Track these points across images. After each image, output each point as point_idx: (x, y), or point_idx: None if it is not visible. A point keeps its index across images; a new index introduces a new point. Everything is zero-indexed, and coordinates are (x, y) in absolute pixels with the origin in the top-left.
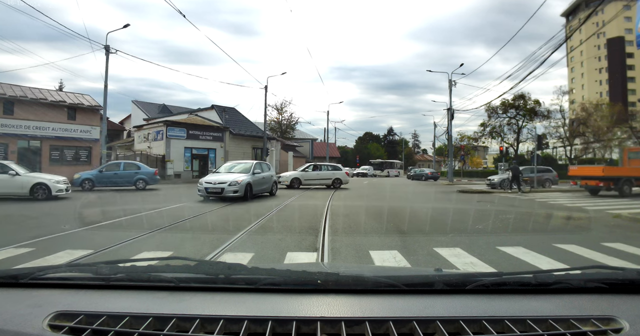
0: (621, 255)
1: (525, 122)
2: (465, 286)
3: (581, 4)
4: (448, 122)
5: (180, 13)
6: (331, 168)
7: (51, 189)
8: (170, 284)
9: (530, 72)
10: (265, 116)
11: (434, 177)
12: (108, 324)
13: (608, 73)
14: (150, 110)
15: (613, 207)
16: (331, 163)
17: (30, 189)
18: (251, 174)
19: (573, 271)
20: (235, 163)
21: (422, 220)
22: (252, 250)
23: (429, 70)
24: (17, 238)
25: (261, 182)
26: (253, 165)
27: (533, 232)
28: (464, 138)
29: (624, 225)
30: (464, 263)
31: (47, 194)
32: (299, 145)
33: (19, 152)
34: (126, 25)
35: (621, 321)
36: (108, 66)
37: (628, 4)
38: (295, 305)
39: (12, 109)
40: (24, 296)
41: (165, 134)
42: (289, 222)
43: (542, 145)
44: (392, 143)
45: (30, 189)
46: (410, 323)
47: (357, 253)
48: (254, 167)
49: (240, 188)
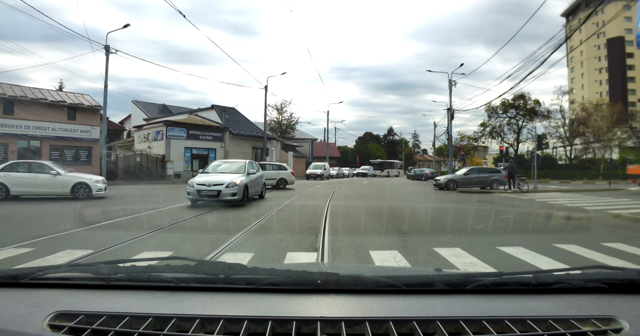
0: (621, 255)
1: (525, 122)
2: (465, 286)
3: (581, 4)
4: (448, 122)
5: (180, 13)
6: (276, 167)
7: (92, 188)
8: (170, 284)
9: (530, 72)
10: (265, 116)
11: (434, 177)
12: (108, 324)
13: (608, 73)
14: (150, 110)
15: (613, 207)
16: (278, 162)
17: (71, 189)
18: (247, 174)
19: (573, 271)
20: (224, 162)
21: (422, 220)
22: (252, 250)
23: (429, 70)
24: (17, 238)
25: (255, 183)
26: (246, 164)
27: (533, 232)
28: (464, 138)
29: (624, 225)
30: (464, 263)
31: (87, 193)
32: (299, 145)
33: (19, 152)
34: (126, 25)
35: (621, 321)
36: (108, 66)
37: (628, 4)
38: (295, 305)
39: (12, 109)
40: (24, 296)
41: (165, 134)
42: (288, 222)
43: (542, 145)
44: (392, 143)
45: (72, 189)
46: (410, 323)
47: (357, 253)
48: (248, 166)
49: (239, 191)
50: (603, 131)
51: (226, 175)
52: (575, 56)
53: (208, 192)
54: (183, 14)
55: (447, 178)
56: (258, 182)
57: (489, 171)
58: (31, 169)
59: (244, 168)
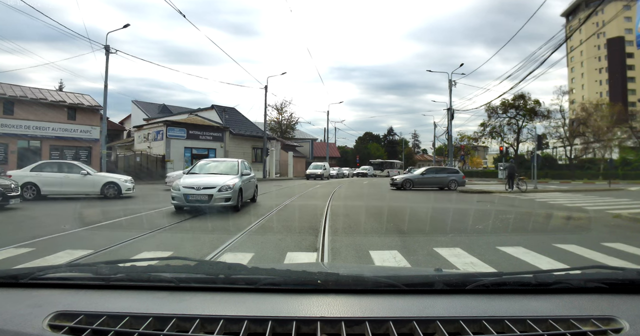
0: (621, 255)
1: (525, 122)
2: (465, 286)
3: (581, 4)
4: (448, 122)
5: (180, 13)
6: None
7: (121, 188)
8: (170, 284)
9: (530, 72)
10: (265, 116)
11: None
12: (108, 324)
13: (608, 73)
14: (150, 110)
15: (613, 207)
16: None
17: (101, 188)
18: (240, 175)
19: (573, 271)
20: (213, 161)
21: (422, 220)
22: (252, 250)
23: (429, 70)
24: (17, 238)
25: (248, 185)
26: (239, 164)
27: (533, 232)
28: (464, 138)
29: (624, 225)
30: (464, 263)
31: (117, 193)
32: (299, 145)
33: (19, 152)
34: (126, 25)
35: (621, 321)
36: (108, 66)
37: (628, 4)
38: (295, 305)
39: (12, 109)
40: (24, 296)
41: (165, 134)
42: (288, 222)
43: (542, 145)
44: (392, 143)
45: (101, 188)
46: (410, 323)
47: (357, 253)
48: (241, 166)
49: (234, 195)
50: (603, 131)
51: (217, 176)
52: (575, 56)
53: (197, 196)
54: (183, 14)
55: (403, 178)
56: (251, 184)
57: (447, 171)
58: (61, 169)
59: (237, 168)
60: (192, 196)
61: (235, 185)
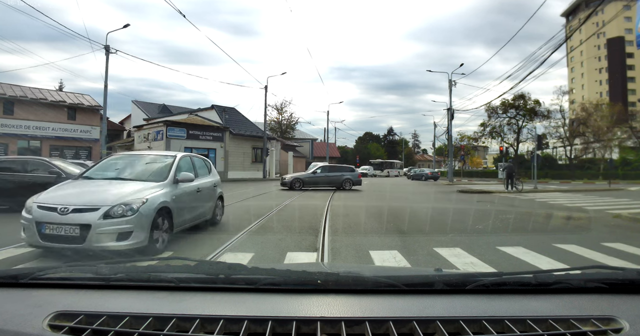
0: (621, 255)
1: (525, 122)
2: (465, 286)
3: (581, 4)
4: (448, 122)
5: (180, 13)
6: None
7: None
8: (170, 284)
9: (530, 72)
10: (265, 116)
11: (434, 177)
12: (108, 324)
13: (608, 73)
14: (150, 110)
15: (613, 207)
16: None
17: None
18: (171, 183)
19: (573, 272)
20: (130, 155)
21: (422, 220)
22: (252, 250)
23: (429, 70)
24: (17, 238)
25: (194, 198)
26: (176, 161)
27: (533, 232)
28: (464, 138)
29: (624, 225)
30: (464, 263)
31: None
32: (299, 145)
33: (19, 152)
34: (126, 25)
35: (621, 321)
36: (108, 66)
37: (628, 4)
38: (295, 305)
39: (12, 109)
40: (24, 296)
41: (165, 134)
42: (288, 222)
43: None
44: (392, 143)
45: None
46: (410, 323)
47: (357, 253)
48: (181, 165)
49: (139, 224)
50: (603, 131)
51: (124, 184)
52: (575, 56)
53: (60, 228)
54: (183, 14)
55: (292, 177)
56: (204, 195)
57: (340, 170)
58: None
59: (169, 168)
60: (51, 227)
61: (149, 203)
